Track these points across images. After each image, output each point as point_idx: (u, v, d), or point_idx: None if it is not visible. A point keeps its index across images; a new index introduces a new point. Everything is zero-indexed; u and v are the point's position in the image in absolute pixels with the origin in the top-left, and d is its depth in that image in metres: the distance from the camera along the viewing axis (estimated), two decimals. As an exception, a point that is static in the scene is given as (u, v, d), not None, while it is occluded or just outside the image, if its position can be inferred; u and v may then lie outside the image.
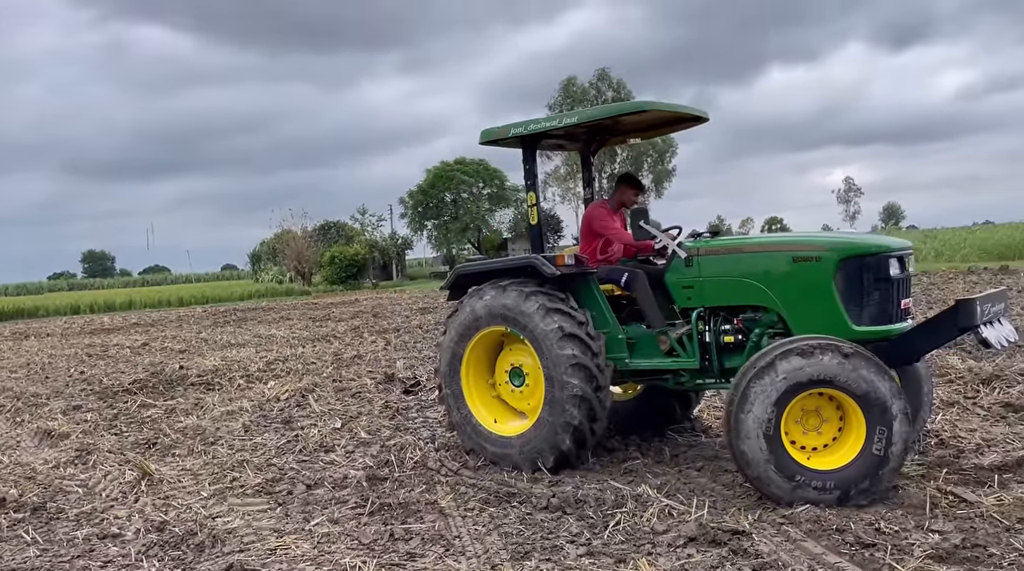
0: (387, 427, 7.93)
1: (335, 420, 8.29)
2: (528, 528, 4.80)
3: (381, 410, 8.83)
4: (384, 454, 6.81)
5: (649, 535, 4.57)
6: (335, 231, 61.66)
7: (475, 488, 5.66)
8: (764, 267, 5.61)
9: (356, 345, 15.79)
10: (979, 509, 4.52)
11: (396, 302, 30.97)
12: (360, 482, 5.96)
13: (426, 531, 4.85)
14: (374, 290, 46.84)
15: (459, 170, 64.36)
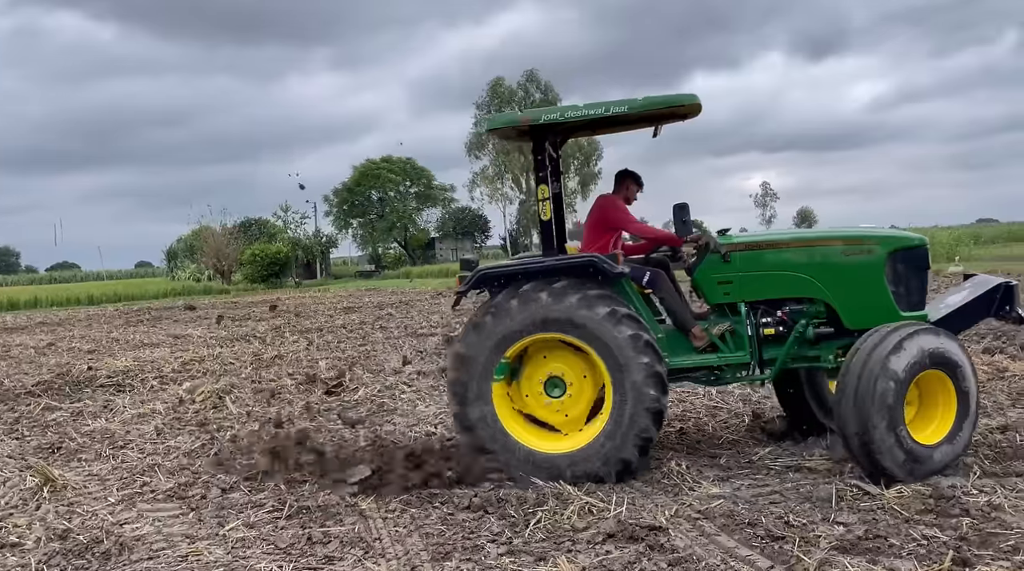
0: (307, 428, 7.76)
1: (252, 422, 8.07)
2: (449, 528, 4.78)
3: (301, 412, 8.65)
4: (302, 456, 6.66)
5: (569, 533, 4.61)
6: (256, 228, 60.05)
7: (400, 489, 5.58)
8: (815, 260, 5.86)
9: (277, 345, 15.43)
10: (881, 502, 4.73)
11: (319, 301, 30.42)
12: (279, 485, 5.82)
13: (345, 534, 4.77)
14: (297, 289, 45.87)
15: (386, 168, 63.73)
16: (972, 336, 10.85)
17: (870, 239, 5.91)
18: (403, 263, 64.68)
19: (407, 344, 14.40)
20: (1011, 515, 4.38)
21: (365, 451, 6.39)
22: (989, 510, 4.45)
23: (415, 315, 20.91)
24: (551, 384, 5.75)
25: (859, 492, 4.91)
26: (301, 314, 23.76)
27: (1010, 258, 33.50)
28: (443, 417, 7.94)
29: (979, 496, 4.67)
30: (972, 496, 4.67)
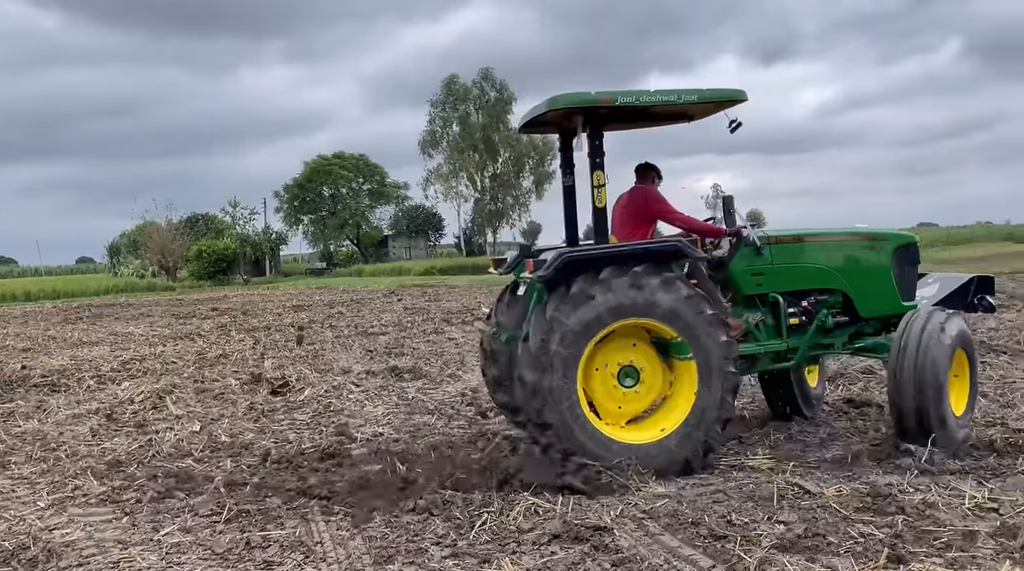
0: (250, 430, 7.60)
1: (193, 423, 7.87)
2: (393, 531, 4.70)
3: (245, 412, 8.46)
4: (244, 458, 6.52)
5: (515, 534, 4.58)
6: (203, 224, 58.78)
7: (345, 492, 5.48)
8: (840, 255, 6.41)
9: (222, 344, 15.09)
10: (821, 500, 4.80)
11: (268, 299, 29.89)
12: (217, 488, 5.66)
13: (286, 538, 4.66)
14: (245, 286, 45.00)
15: (338, 164, 62.93)
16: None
17: (882, 236, 6.58)
18: (355, 261, 63.96)
19: (356, 343, 14.22)
20: (944, 513, 4.48)
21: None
22: (924, 508, 4.55)
23: (366, 314, 20.68)
24: (625, 373, 5.66)
25: (800, 491, 4.97)
26: (248, 312, 23.31)
27: (948, 261, 34.60)
28: (391, 418, 7.85)
29: (914, 494, 4.77)
30: (908, 494, 4.77)
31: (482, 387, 9.26)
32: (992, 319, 13.17)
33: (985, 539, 4.12)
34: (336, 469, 6.05)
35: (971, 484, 4.92)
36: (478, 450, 6.42)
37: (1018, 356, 9.51)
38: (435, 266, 51.64)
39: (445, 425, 7.44)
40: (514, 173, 70.58)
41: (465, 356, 11.88)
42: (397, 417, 7.84)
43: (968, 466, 5.29)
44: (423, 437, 6.93)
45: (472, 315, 18.64)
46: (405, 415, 7.94)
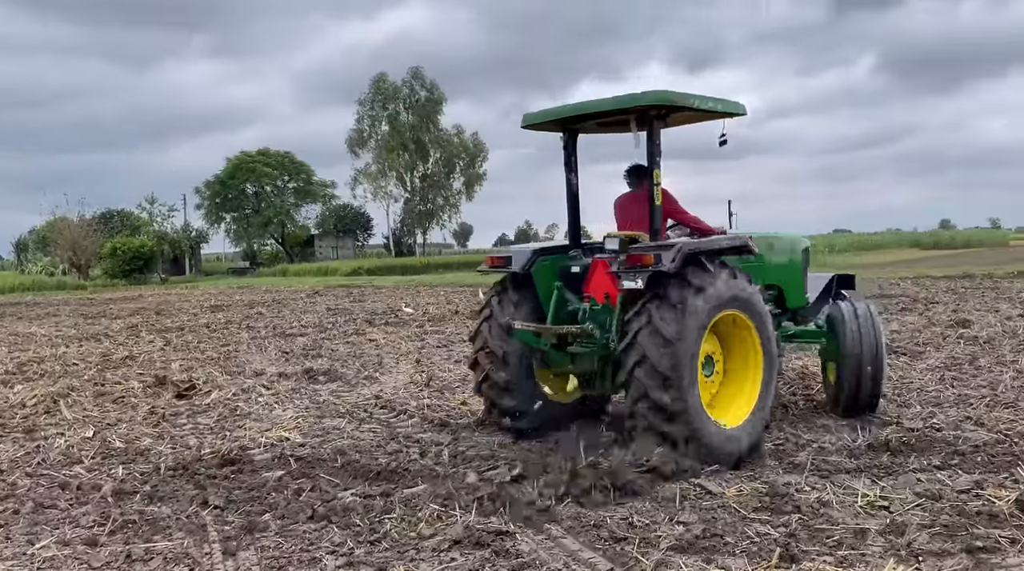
0: (149, 435, 7.25)
1: (87, 428, 7.46)
2: (288, 540, 4.52)
3: (145, 416, 8.08)
4: (138, 465, 6.21)
5: (415, 540, 4.46)
6: (119, 220, 56.56)
7: (242, 501, 5.26)
8: (781, 255, 7.19)
9: (130, 345, 14.47)
10: (721, 500, 4.84)
11: (185, 299, 28.91)
12: (105, 497, 5.36)
13: (171, 550, 4.43)
14: (162, 285, 43.45)
15: (261, 161, 61.45)
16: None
17: (798, 239, 7.55)
18: (280, 260, 62.57)
19: (272, 344, 13.83)
20: (837, 511, 4.57)
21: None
22: (818, 506, 4.63)
23: (287, 314, 20.19)
24: (706, 363, 5.81)
25: (702, 491, 5.01)
26: (162, 312, 22.48)
27: (860, 266, 36.01)
28: (299, 421, 7.61)
29: (810, 493, 4.85)
30: (804, 493, 4.86)
31: (399, 389, 9.14)
32: (895, 321, 13.71)
33: (875, 537, 4.21)
34: (235, 476, 5.81)
35: (864, 482, 5.04)
36: (387, 454, 6.28)
37: (917, 357, 9.89)
38: (363, 266, 50.96)
39: (356, 429, 7.25)
40: (444, 174, 70.30)
41: (384, 358, 11.68)
42: (306, 421, 7.60)
43: (863, 464, 5.43)
44: (331, 441, 6.72)
45: (396, 316, 18.41)
46: (315, 419, 7.71)
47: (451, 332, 14.71)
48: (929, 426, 6.35)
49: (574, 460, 5.44)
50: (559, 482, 5.09)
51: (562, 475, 5.19)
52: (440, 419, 7.46)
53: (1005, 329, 11.88)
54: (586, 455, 5.53)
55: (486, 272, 6.67)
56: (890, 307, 16.35)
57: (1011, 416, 6.58)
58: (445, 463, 5.98)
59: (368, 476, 5.72)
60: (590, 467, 5.26)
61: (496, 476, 5.47)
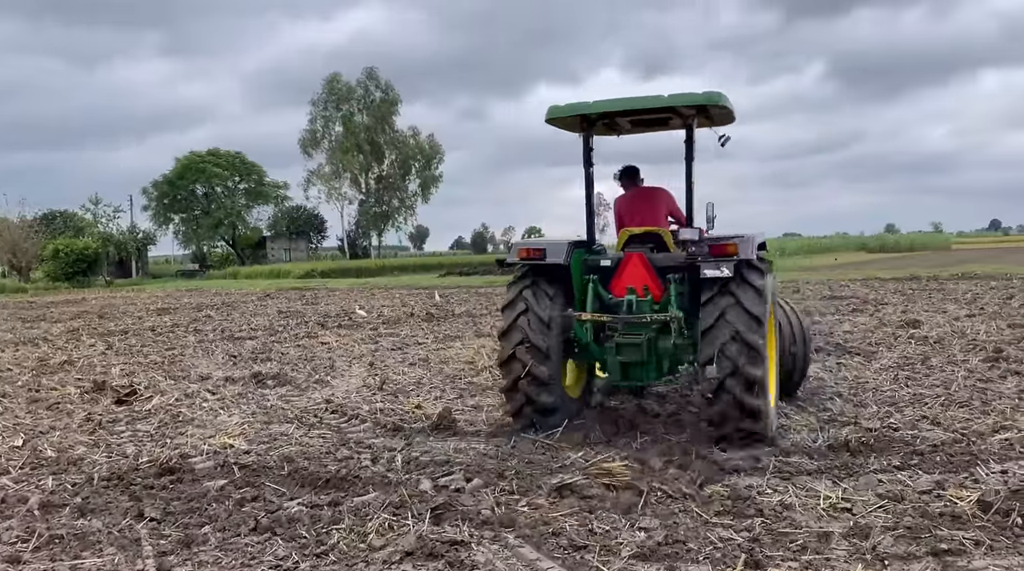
0: (83, 443, 6.87)
1: (16, 437, 7.04)
2: (227, 555, 4.25)
3: (81, 424, 7.67)
4: (70, 475, 5.85)
5: (364, 552, 4.23)
6: (62, 221, 54.76)
7: (180, 512, 4.96)
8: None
9: (69, 349, 13.87)
10: (682, 504, 4.71)
11: (131, 302, 28.02)
12: (32, 510, 5.01)
13: (101, 567, 4.12)
14: (108, 288, 42.11)
15: (211, 161, 60.10)
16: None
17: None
18: (231, 263, 61.26)
19: (220, 348, 13.39)
20: (801, 514, 4.47)
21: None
22: (781, 510, 4.53)
23: (236, 317, 19.66)
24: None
25: (663, 495, 4.87)
26: (106, 316, 21.71)
27: (810, 268, 36.64)
28: (245, 427, 7.30)
29: (772, 496, 4.75)
30: (766, 496, 4.76)
31: (351, 393, 8.86)
32: (847, 322, 13.87)
33: (839, 540, 4.12)
34: (174, 486, 5.49)
35: (826, 484, 4.96)
36: (336, 461, 6.02)
37: (870, 357, 9.96)
38: (316, 269, 50.16)
39: (304, 435, 6.96)
40: (400, 175, 69.67)
41: (336, 361, 11.37)
42: (252, 427, 7.29)
43: (824, 466, 5.35)
44: (277, 448, 6.43)
45: (349, 318, 18.04)
46: (261, 425, 7.40)
47: (406, 334, 14.44)
48: (886, 426, 6.33)
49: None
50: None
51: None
52: (393, 423, 7.22)
53: (954, 329, 12.08)
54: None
55: (518, 264, 6.51)
56: (841, 308, 16.57)
57: (966, 415, 6.61)
58: (398, 469, 5.75)
59: (316, 484, 5.46)
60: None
61: (451, 483, 5.26)
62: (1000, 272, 26.88)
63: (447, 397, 8.48)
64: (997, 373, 8.51)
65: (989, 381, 8.12)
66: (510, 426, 6.92)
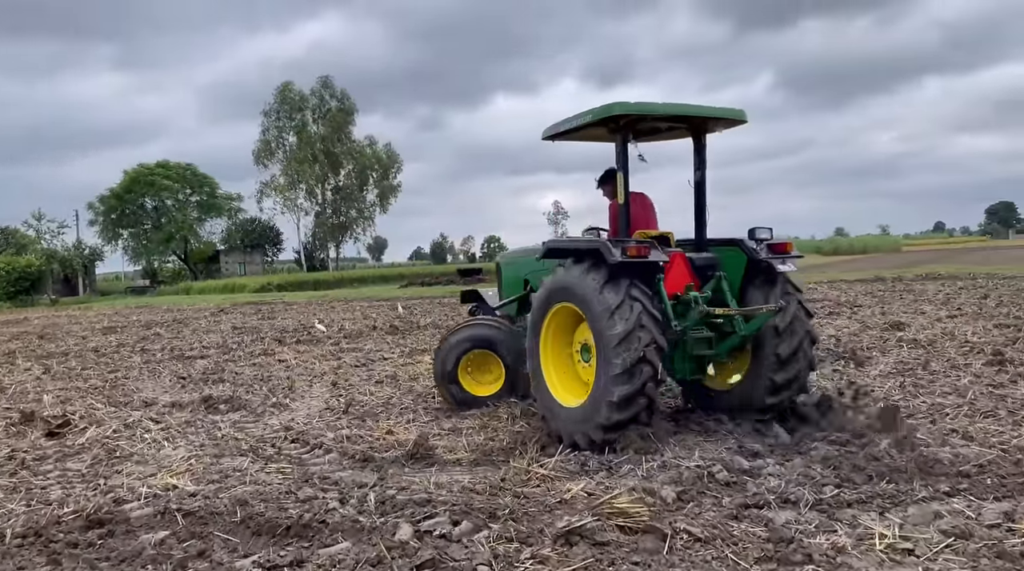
0: (2, 487, 5.92)
1: (-79, 483, 6.04)
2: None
3: (2, 463, 6.70)
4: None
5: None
6: (3, 238, 52.42)
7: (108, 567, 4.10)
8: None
9: (1, 374, 12.71)
10: (716, 549, 3.99)
11: (76, 321, 26.56)
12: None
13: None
14: (52, 307, 40.23)
15: (161, 174, 58.22)
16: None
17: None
18: (183, 278, 59.31)
19: (168, 369, 12.37)
20: (858, 559, 3.79)
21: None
22: (834, 554, 3.84)
23: (188, 335, 18.55)
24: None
25: (690, 539, 4.14)
26: (47, 336, 20.37)
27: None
28: (193, 462, 6.41)
29: (818, 535, 4.07)
30: (811, 536, 4.07)
31: (312, 418, 8.01)
32: (828, 325, 13.40)
33: (909, 590, 3.45)
34: (103, 542, 4.61)
35: (873, 517, 4.29)
36: (298, 502, 5.18)
37: (865, 363, 9.42)
38: (272, 282, 48.78)
39: (260, 470, 6.10)
40: (357, 186, 68.45)
41: (296, 381, 10.47)
42: (201, 462, 6.40)
43: (865, 494, 4.68)
44: (229, 488, 5.56)
45: (308, 333, 17.09)
46: (211, 459, 6.51)
47: (370, 349, 13.57)
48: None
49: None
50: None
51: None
52: (362, 452, 6.41)
53: (943, 331, 11.66)
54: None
55: (633, 262, 6.02)
56: (817, 311, 16.17)
57: (997, 427, 6.04)
58: (371, 511, 4.92)
59: (275, 533, 4.63)
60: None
61: (435, 527, 4.48)
62: (963, 272, 26.99)
63: (420, 419, 7.68)
64: (1007, 378, 8.01)
65: (1001, 387, 7.61)
66: (489, 452, 6.18)
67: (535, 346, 6.63)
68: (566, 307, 6.35)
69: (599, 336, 5.86)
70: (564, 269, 6.38)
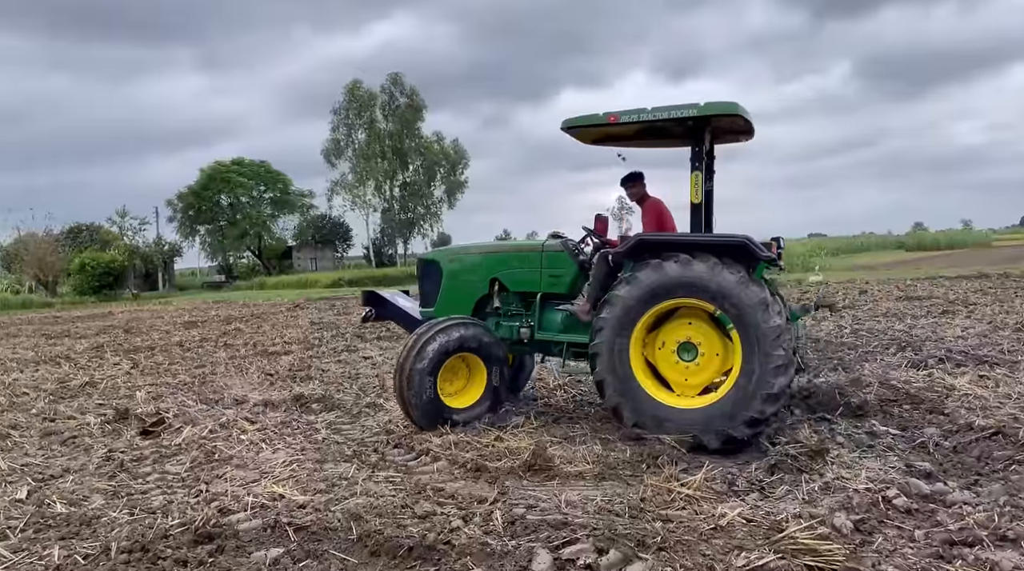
0: (101, 491, 5.64)
1: (22, 485, 5.81)
2: None
3: (100, 464, 6.47)
4: (83, 541, 4.60)
5: None
6: (88, 235, 54.24)
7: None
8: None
9: (92, 369, 12.75)
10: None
11: (158, 315, 27.05)
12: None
13: None
14: (134, 301, 41.35)
15: (236, 171, 59.36)
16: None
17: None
18: (257, 273, 60.46)
19: (254, 365, 12.18)
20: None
21: None
22: None
23: (268, 330, 18.52)
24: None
25: None
26: (132, 330, 20.68)
27: (864, 268, 34.92)
28: (295, 468, 6.03)
29: None
30: None
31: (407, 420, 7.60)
32: (948, 326, 12.40)
33: None
34: (213, 559, 4.22)
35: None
36: (417, 518, 4.71)
37: (1015, 368, 8.50)
38: (343, 277, 49.15)
39: (368, 478, 5.67)
40: (425, 182, 68.61)
41: (386, 379, 10.09)
42: (303, 467, 6.02)
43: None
44: (340, 501, 5.14)
45: (388, 330, 16.79)
46: (314, 464, 6.12)
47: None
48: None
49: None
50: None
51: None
52: (473, 461, 5.90)
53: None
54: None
55: (772, 258, 6.17)
56: (930, 310, 15.09)
57: None
58: (499, 532, 4.42)
59: (395, 554, 4.18)
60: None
61: (578, 555, 3.94)
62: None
63: (529, 425, 7.15)
64: None
65: None
66: (614, 466, 5.61)
67: (624, 348, 6.21)
68: (680, 303, 6.16)
69: (751, 329, 5.78)
70: (678, 264, 6.05)
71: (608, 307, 6.32)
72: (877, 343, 11.03)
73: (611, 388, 6.29)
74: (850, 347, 10.86)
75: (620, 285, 6.36)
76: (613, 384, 6.27)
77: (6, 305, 39.34)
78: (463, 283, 7.81)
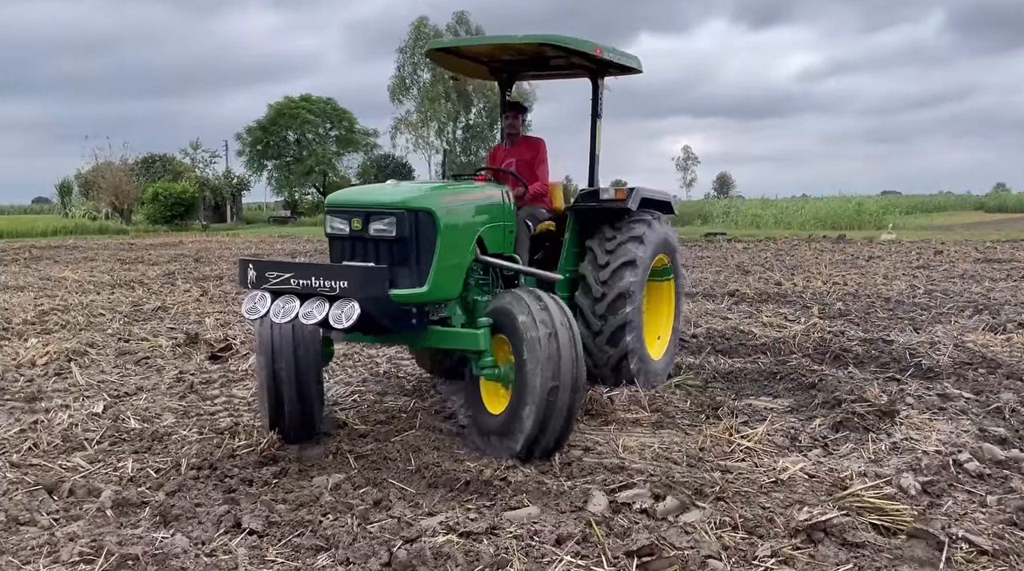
0: (172, 410, 5.86)
1: (98, 400, 6.08)
2: None
3: (171, 384, 6.71)
4: (155, 456, 4.80)
5: None
6: (161, 165, 55.68)
7: (287, 524, 3.81)
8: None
9: (164, 294, 13.20)
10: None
11: (226, 246, 27.80)
12: (103, 510, 3.93)
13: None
14: (204, 232, 42.54)
15: (304, 107, 59.78)
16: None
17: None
18: (321, 210, 61.36)
19: (318, 298, 12.41)
20: None
21: None
22: None
23: (330, 265, 18.84)
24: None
25: (971, 550, 3.37)
26: (201, 259, 21.32)
27: (939, 228, 33.54)
28: (356, 399, 6.15)
29: None
30: None
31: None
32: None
33: None
34: (278, 481, 4.35)
35: None
36: (474, 455, 4.76)
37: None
38: (405, 217, 49.42)
39: (427, 414, 5.75)
40: (487, 125, 68.06)
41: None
42: (364, 399, 6.14)
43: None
44: (398, 433, 5.23)
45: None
46: (375, 396, 6.24)
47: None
48: None
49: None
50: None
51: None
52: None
53: None
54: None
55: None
56: (1010, 274, 14.42)
57: None
58: (556, 472, 4.44)
59: (453, 487, 4.23)
60: None
61: (634, 500, 3.92)
62: None
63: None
64: None
65: None
66: (671, 415, 5.55)
67: (640, 305, 6.14)
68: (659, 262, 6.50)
69: (680, 279, 6.86)
70: (660, 223, 6.41)
71: (631, 269, 5.99)
72: (952, 305, 10.61)
73: (634, 363, 6.12)
74: (923, 308, 10.48)
75: (629, 244, 6.04)
76: (639, 353, 6.17)
77: (84, 230, 40.93)
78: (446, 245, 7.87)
